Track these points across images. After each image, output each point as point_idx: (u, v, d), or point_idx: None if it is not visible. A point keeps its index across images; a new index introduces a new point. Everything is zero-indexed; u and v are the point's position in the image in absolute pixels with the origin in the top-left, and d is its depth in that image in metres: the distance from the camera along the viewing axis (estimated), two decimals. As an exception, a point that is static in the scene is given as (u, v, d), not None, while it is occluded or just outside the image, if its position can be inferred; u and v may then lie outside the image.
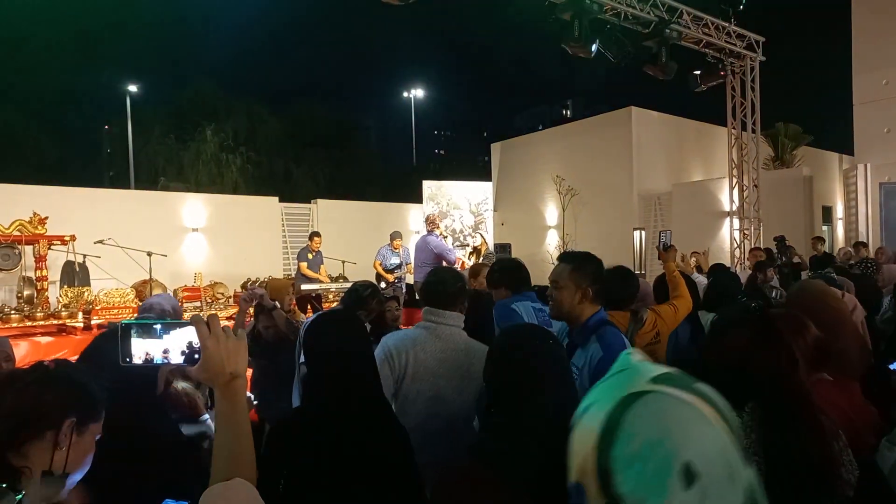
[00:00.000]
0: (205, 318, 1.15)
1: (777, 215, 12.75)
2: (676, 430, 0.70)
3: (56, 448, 1.27)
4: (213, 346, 1.13)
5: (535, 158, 16.71)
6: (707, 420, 0.71)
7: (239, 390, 1.16)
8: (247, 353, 1.20)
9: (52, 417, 1.28)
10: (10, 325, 7.93)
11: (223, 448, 1.13)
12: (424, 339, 2.56)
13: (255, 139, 27.64)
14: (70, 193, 11.76)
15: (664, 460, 0.68)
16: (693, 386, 0.75)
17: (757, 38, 12.25)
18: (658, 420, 0.71)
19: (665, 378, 0.76)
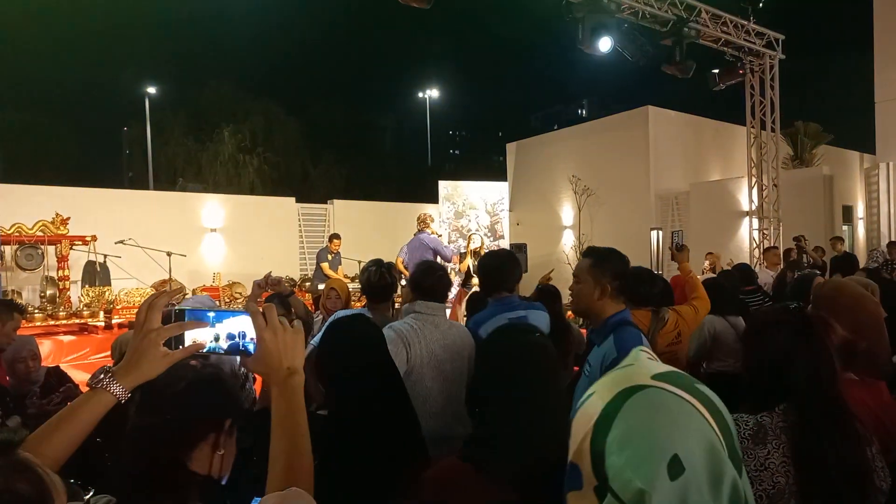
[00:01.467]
0: (260, 308, 1.09)
1: (797, 215, 12.58)
2: (669, 423, 0.73)
3: (216, 450, 1.23)
4: (271, 339, 1.06)
5: (550, 158, 16.65)
6: (701, 419, 0.74)
7: (296, 387, 1.08)
8: (304, 346, 1.13)
9: (215, 420, 1.24)
10: (34, 323, 8.07)
11: (280, 452, 1.06)
12: (430, 329, 2.64)
13: (272, 140, 27.85)
14: (91, 194, 11.93)
15: (653, 449, 0.71)
16: (694, 386, 0.78)
17: (776, 36, 12.10)
18: (653, 412, 0.75)
19: (667, 376, 0.79)
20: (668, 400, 0.75)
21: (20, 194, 10.18)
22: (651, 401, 0.76)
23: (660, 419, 0.74)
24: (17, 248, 8.97)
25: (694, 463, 0.70)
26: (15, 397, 3.21)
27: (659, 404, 0.75)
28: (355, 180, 29.31)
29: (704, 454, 0.71)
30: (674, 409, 0.74)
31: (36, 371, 3.52)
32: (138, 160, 29.25)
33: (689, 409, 0.74)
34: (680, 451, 0.70)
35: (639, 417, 0.75)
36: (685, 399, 0.75)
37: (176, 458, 1.17)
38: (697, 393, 0.77)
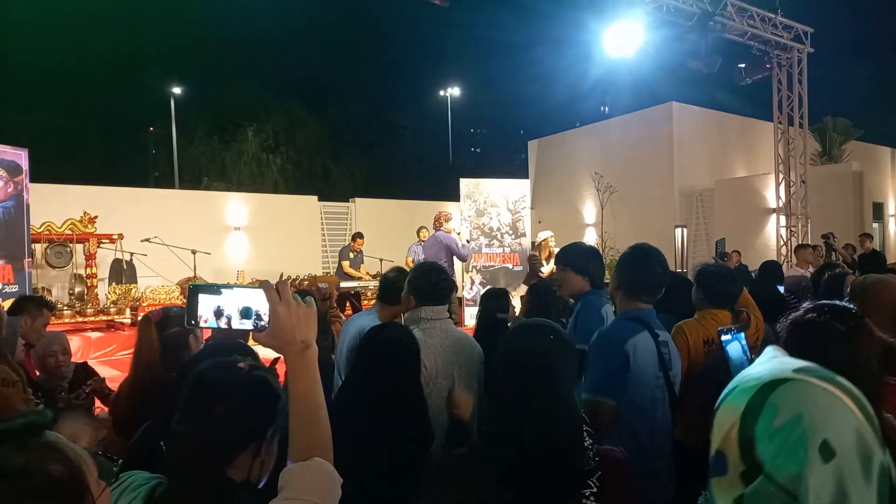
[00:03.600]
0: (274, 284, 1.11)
1: (825, 212, 12.35)
2: (817, 411, 0.78)
3: (256, 458, 1.22)
4: (284, 313, 1.08)
5: (572, 155, 16.55)
6: (846, 407, 0.79)
7: (311, 361, 1.11)
8: (317, 321, 1.15)
9: (260, 428, 1.23)
10: (63, 320, 8.20)
11: (299, 424, 1.10)
12: (439, 336, 2.56)
13: (294, 139, 28.06)
14: (118, 193, 12.12)
15: (804, 434, 0.76)
16: (834, 379, 0.83)
17: (805, 29, 11.86)
18: (801, 401, 0.80)
19: (808, 370, 0.84)
20: (814, 390, 0.81)
21: (49, 194, 10.36)
22: (797, 392, 0.81)
23: (807, 408, 0.79)
24: (46, 247, 9.14)
25: (844, 447, 0.75)
26: (45, 391, 3.26)
27: (805, 394, 0.81)
28: (377, 178, 29.43)
29: (853, 438, 0.76)
30: (819, 398, 0.80)
31: (66, 366, 3.57)
32: (164, 159, 29.65)
33: (833, 398, 0.79)
34: (830, 437, 0.75)
35: (787, 406, 0.80)
36: (828, 389, 0.80)
37: (216, 467, 1.16)
38: (838, 384, 0.81)
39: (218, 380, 1.23)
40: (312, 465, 1.06)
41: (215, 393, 1.21)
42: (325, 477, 1.07)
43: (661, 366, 2.22)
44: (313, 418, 1.10)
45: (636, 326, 2.23)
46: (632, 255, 2.38)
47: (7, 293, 7.47)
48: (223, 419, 1.18)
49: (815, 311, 1.46)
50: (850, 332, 1.38)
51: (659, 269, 2.31)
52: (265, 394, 1.25)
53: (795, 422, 0.77)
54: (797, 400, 0.79)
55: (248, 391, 1.23)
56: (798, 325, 1.47)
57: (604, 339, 2.23)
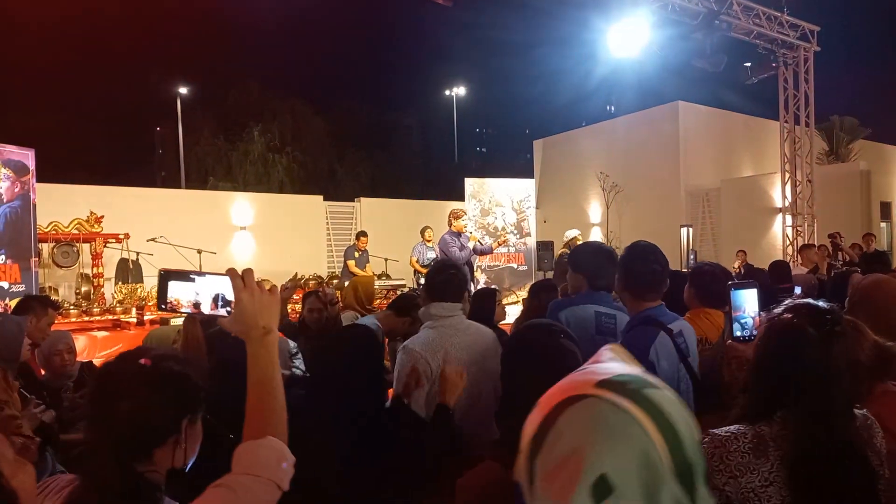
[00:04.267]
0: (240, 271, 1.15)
1: (832, 211, 12.28)
2: (598, 439, 0.66)
3: (177, 447, 1.22)
4: (248, 299, 1.12)
5: (578, 155, 16.52)
6: (639, 432, 0.66)
7: (271, 346, 1.15)
8: (279, 309, 1.18)
9: (173, 423, 1.21)
10: (69, 319, 8.24)
11: (256, 405, 1.13)
12: (450, 334, 2.56)
13: (300, 139, 28.10)
14: (124, 193, 12.18)
15: (577, 471, 0.64)
16: (641, 392, 0.70)
17: (811, 28, 11.80)
18: (582, 428, 0.68)
19: (611, 383, 0.71)
20: (603, 412, 0.68)
21: (56, 193, 10.41)
22: (583, 414, 0.69)
23: (587, 436, 0.67)
24: (53, 246, 9.18)
25: (624, 480, 0.64)
26: (50, 390, 3.27)
27: (590, 419, 0.68)
28: (382, 178, 29.45)
29: (638, 469, 0.65)
30: (606, 422, 0.67)
31: (71, 365, 3.59)
32: (170, 159, 29.76)
33: (626, 421, 0.67)
34: (609, 469, 0.64)
35: (570, 435, 0.68)
36: (625, 410, 0.67)
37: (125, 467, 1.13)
38: (643, 400, 0.69)
39: (119, 379, 1.21)
40: (265, 443, 1.08)
41: (117, 393, 1.18)
42: (278, 455, 1.08)
43: (681, 357, 2.21)
44: (270, 401, 1.13)
45: (652, 330, 2.20)
46: (628, 254, 2.36)
47: (14, 293, 7.51)
48: (128, 420, 1.15)
49: (790, 313, 1.38)
50: (825, 337, 1.29)
51: (657, 266, 2.28)
52: (172, 387, 1.21)
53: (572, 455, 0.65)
54: (579, 425, 0.68)
55: (150, 389, 1.19)
56: (770, 327, 1.41)
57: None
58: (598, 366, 0.77)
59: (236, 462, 1.06)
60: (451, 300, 2.63)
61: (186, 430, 1.23)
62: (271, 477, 1.05)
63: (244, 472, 1.04)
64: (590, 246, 3.00)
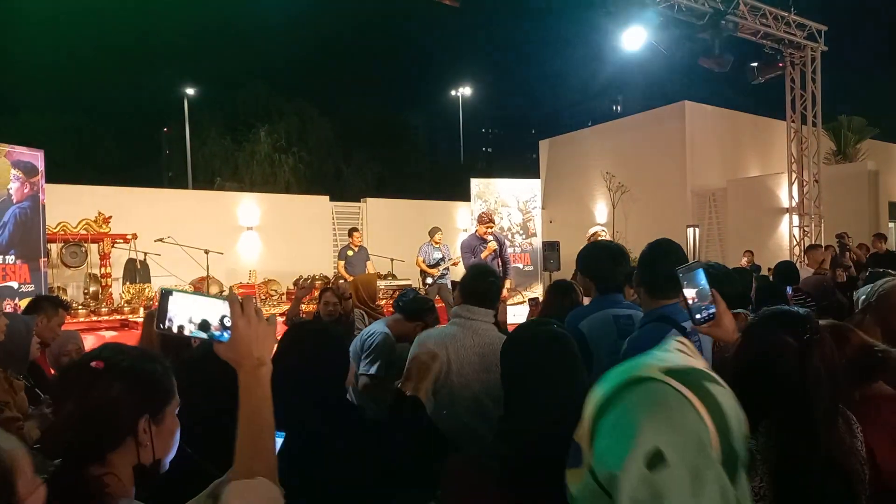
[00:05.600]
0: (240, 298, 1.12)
1: (840, 212, 12.22)
2: (660, 418, 0.74)
3: (139, 447, 1.17)
4: (244, 327, 1.09)
5: (584, 155, 16.50)
6: (694, 418, 0.74)
7: (264, 379, 1.12)
8: (275, 341, 1.16)
9: (127, 423, 1.16)
10: (78, 319, 8.30)
11: (246, 441, 1.09)
12: (462, 335, 2.55)
13: (306, 139, 28.17)
14: (132, 194, 12.24)
15: (636, 439, 0.73)
16: (702, 384, 0.77)
17: (818, 27, 11.75)
18: (646, 403, 0.76)
19: (677, 372, 0.78)
20: (666, 394, 0.76)
21: (65, 194, 10.48)
22: (647, 393, 0.77)
23: (651, 412, 0.75)
24: (62, 246, 9.25)
25: (677, 459, 0.70)
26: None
27: (653, 398, 0.76)
28: (388, 178, 29.51)
29: (689, 449, 0.71)
30: (671, 404, 0.75)
31: (80, 365, 3.62)
32: (177, 160, 29.89)
33: (687, 406, 0.74)
34: (664, 446, 0.71)
35: (632, 408, 0.76)
36: (685, 396, 0.75)
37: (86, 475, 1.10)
38: (703, 391, 0.76)
39: (68, 383, 1.19)
40: (257, 484, 1.05)
41: (65, 396, 1.17)
42: (271, 496, 1.05)
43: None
44: (260, 439, 1.10)
45: (666, 327, 2.16)
46: (650, 252, 2.34)
47: (23, 293, 7.57)
48: (75, 423, 1.13)
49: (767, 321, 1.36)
50: (803, 347, 1.26)
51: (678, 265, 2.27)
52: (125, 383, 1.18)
53: (632, 425, 0.74)
54: (644, 402, 0.76)
55: (98, 390, 1.15)
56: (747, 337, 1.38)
57: (637, 350, 2.17)
58: (665, 354, 0.85)
59: (225, 500, 1.03)
60: (478, 304, 2.63)
61: (148, 429, 1.18)
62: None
63: None
64: (596, 248, 2.96)
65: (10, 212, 7.68)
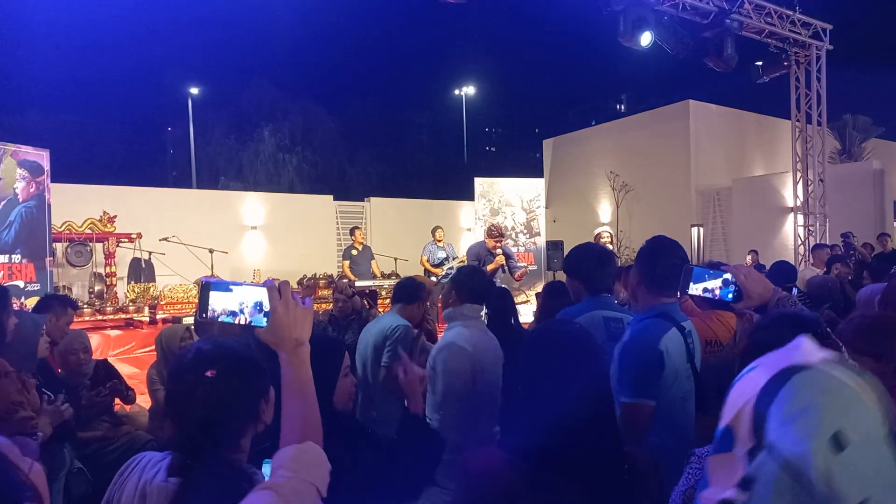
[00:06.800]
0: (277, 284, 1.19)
1: (844, 211, 12.18)
2: (834, 401, 0.78)
3: (259, 423, 1.35)
4: (283, 312, 1.17)
5: (588, 154, 16.49)
6: (863, 404, 0.78)
7: (304, 357, 1.21)
8: (311, 322, 1.23)
9: (253, 412, 1.32)
10: (83, 318, 8.33)
11: (293, 412, 1.18)
12: (478, 335, 2.67)
13: (310, 139, 28.24)
14: (136, 193, 12.27)
15: (819, 423, 0.76)
16: (862, 374, 0.82)
17: (823, 26, 11.72)
18: (819, 389, 0.79)
19: (834, 361, 0.83)
20: (834, 382, 0.79)
21: (70, 193, 10.51)
22: (818, 380, 0.80)
23: (826, 398, 0.78)
24: (67, 246, 9.29)
25: (856, 441, 0.74)
26: (68, 388, 3.33)
27: (824, 383, 0.80)
28: (392, 178, 29.56)
29: (865, 435, 0.75)
30: (839, 390, 0.79)
31: (87, 364, 3.65)
32: (182, 159, 29.99)
33: (853, 392, 0.78)
34: (843, 427, 0.75)
35: (807, 393, 0.79)
36: (849, 384, 0.79)
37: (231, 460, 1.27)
38: (859, 375, 0.80)
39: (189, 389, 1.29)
40: (307, 447, 1.10)
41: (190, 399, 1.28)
42: (319, 460, 1.10)
43: (688, 356, 2.21)
44: (305, 405, 1.19)
45: (664, 324, 2.19)
46: (649, 248, 2.32)
47: (29, 291, 7.61)
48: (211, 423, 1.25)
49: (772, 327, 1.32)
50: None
51: (678, 262, 2.19)
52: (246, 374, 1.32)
53: (810, 409, 0.78)
54: (817, 389, 0.80)
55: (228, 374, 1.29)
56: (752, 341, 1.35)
57: (637, 340, 2.18)
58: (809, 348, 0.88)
59: (279, 465, 1.07)
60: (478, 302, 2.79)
61: (265, 407, 1.35)
62: (313, 481, 1.06)
63: (292, 475, 1.04)
64: (581, 250, 2.88)
65: (16, 211, 7.73)
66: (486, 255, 7.15)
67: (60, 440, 2.87)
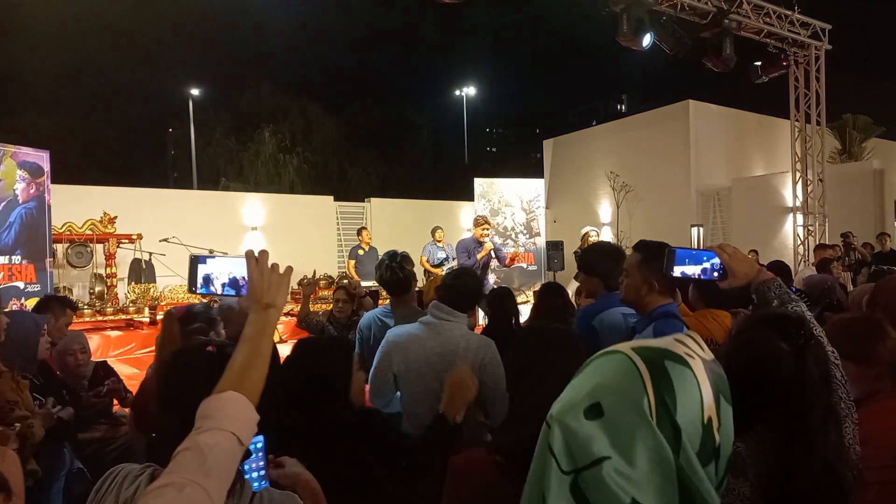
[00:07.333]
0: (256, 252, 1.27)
1: (844, 211, 12.18)
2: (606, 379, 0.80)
3: None
4: (257, 277, 1.24)
5: (588, 154, 16.49)
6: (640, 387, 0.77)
7: (271, 318, 1.23)
8: (288, 288, 1.28)
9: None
10: (83, 319, 8.35)
11: (235, 363, 1.15)
12: (424, 335, 2.56)
13: (310, 139, 28.22)
14: (137, 194, 12.28)
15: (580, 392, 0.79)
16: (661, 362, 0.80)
17: (822, 26, 11.72)
18: (599, 369, 0.83)
19: (643, 349, 0.83)
20: (620, 363, 0.81)
21: (70, 194, 10.53)
22: (605, 361, 0.83)
23: (599, 373, 0.82)
24: (67, 247, 9.30)
25: (614, 416, 0.76)
26: (67, 389, 3.34)
27: (609, 365, 0.82)
28: (392, 178, 29.55)
29: (629, 415, 0.76)
30: (619, 369, 0.80)
31: (85, 365, 3.65)
32: (182, 160, 30.00)
33: (636, 374, 0.79)
34: (605, 402, 0.77)
35: (587, 372, 0.84)
36: (637, 367, 0.79)
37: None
38: (658, 368, 0.79)
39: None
40: (230, 396, 1.08)
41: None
42: (243, 411, 1.08)
43: None
44: (249, 363, 1.16)
45: (679, 323, 2.24)
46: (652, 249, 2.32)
47: (29, 293, 7.62)
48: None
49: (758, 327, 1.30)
50: (798, 351, 1.22)
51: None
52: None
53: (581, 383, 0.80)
54: (599, 368, 0.82)
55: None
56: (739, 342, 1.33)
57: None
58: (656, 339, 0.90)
59: (203, 415, 1.05)
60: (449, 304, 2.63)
61: None
62: (234, 430, 1.04)
63: (214, 427, 1.03)
64: (599, 249, 3.00)
65: (16, 212, 7.74)
66: (475, 247, 7.16)
67: (60, 440, 2.88)
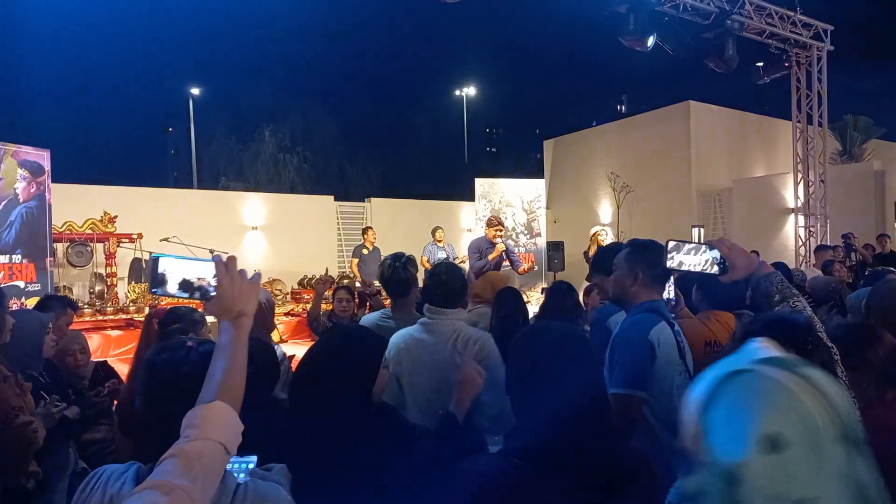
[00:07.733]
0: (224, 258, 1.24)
1: (845, 212, 12.17)
2: (762, 403, 0.77)
3: None
4: (227, 285, 1.21)
5: (588, 155, 16.48)
6: (798, 399, 0.76)
7: (243, 327, 1.22)
8: (258, 295, 1.27)
9: None
10: (84, 318, 8.33)
11: (214, 374, 1.16)
12: (420, 336, 2.55)
13: (311, 139, 28.25)
14: (137, 193, 12.27)
15: (746, 427, 0.75)
16: (796, 370, 0.80)
17: (824, 27, 11.71)
18: (747, 393, 0.79)
19: (770, 360, 0.83)
20: (763, 382, 0.79)
21: (71, 194, 10.50)
22: (746, 382, 0.80)
23: (754, 400, 0.78)
24: (68, 246, 9.29)
25: (788, 441, 0.73)
26: (75, 389, 3.32)
27: (753, 386, 0.79)
28: (392, 178, 29.58)
29: (801, 433, 0.74)
30: (767, 390, 0.78)
31: (85, 365, 3.63)
32: (182, 160, 30.03)
33: (784, 389, 0.77)
34: (773, 430, 0.74)
35: (735, 399, 0.79)
36: (781, 382, 0.78)
37: None
38: (799, 376, 0.79)
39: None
40: (215, 406, 1.10)
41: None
42: (227, 420, 1.10)
43: (680, 353, 2.22)
44: (228, 374, 1.16)
45: (655, 317, 2.22)
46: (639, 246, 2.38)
47: (30, 292, 7.61)
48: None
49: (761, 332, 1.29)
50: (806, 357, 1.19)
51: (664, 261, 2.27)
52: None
53: (740, 414, 0.77)
54: (745, 391, 0.79)
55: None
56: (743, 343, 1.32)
57: (628, 332, 2.22)
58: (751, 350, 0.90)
59: (189, 425, 1.07)
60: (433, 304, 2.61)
61: None
62: (220, 439, 1.06)
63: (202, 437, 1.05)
64: (609, 250, 3.00)
65: (16, 211, 7.72)
66: (487, 247, 7.14)
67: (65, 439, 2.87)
